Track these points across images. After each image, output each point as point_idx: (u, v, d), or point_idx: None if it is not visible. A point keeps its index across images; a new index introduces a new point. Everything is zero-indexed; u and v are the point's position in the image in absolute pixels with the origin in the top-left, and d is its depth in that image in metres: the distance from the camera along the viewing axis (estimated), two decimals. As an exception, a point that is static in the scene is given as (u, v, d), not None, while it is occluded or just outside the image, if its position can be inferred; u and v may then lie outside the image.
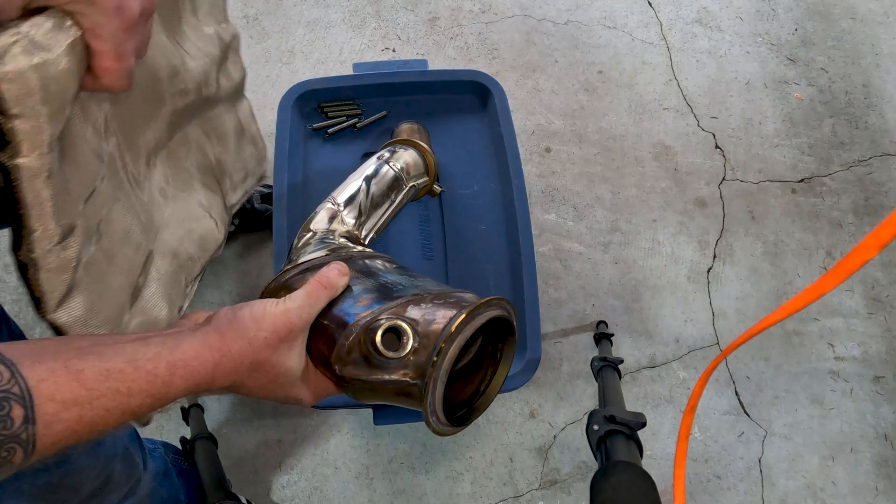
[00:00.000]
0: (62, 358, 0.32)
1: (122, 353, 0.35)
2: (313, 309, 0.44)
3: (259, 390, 0.43)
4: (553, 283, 1.13)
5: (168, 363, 0.36)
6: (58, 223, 0.40)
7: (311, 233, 0.61)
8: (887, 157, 1.28)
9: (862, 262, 0.32)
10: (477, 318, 0.43)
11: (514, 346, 0.50)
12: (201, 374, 0.38)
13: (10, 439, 0.29)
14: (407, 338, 0.42)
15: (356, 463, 0.99)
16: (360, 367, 0.44)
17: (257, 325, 0.41)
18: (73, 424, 0.32)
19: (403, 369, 0.42)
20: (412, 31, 1.36)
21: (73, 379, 0.32)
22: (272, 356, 0.41)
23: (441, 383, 0.42)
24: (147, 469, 0.67)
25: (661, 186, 1.22)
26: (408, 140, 0.73)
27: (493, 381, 0.50)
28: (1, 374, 0.29)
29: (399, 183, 0.69)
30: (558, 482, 0.99)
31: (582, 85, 1.31)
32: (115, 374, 0.34)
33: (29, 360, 0.31)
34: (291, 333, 0.42)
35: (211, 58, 0.64)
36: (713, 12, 1.41)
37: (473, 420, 0.48)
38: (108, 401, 0.33)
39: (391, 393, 0.43)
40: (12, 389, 0.29)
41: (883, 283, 1.16)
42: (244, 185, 0.79)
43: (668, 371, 1.07)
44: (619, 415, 0.59)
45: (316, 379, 0.47)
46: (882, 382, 1.08)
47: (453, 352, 0.41)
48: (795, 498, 1.00)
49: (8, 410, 0.29)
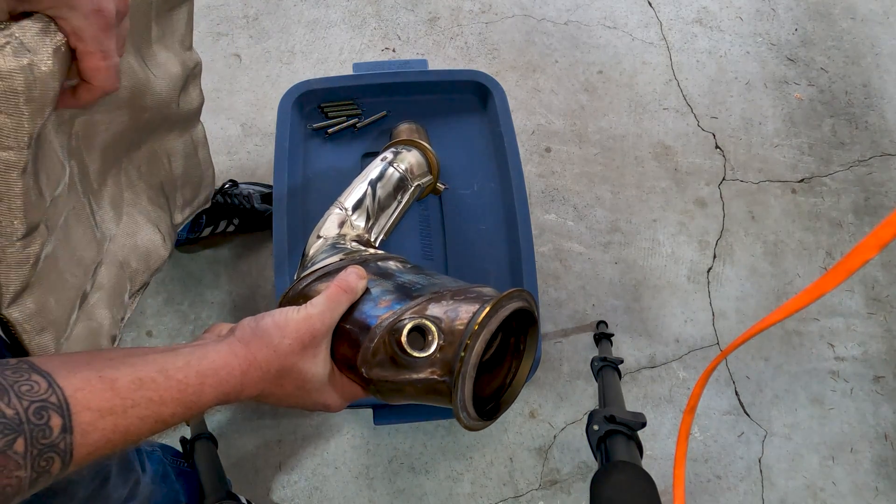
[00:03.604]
0: (96, 368, 0.32)
1: (153, 362, 0.35)
2: (335, 313, 0.45)
3: (287, 398, 0.43)
4: (553, 283, 1.13)
5: (198, 372, 0.36)
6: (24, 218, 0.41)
7: (322, 239, 0.62)
8: (887, 157, 1.28)
9: (862, 262, 0.32)
10: (500, 310, 0.43)
11: (538, 337, 0.50)
12: (230, 384, 0.38)
13: (49, 448, 0.29)
14: (432, 336, 0.43)
15: (356, 463, 0.99)
16: (386, 369, 0.44)
17: (281, 332, 0.41)
18: (108, 433, 0.32)
19: (431, 367, 0.42)
20: (412, 31, 1.36)
21: (108, 388, 0.32)
22: (298, 363, 0.42)
23: (470, 379, 0.42)
24: (145, 472, 0.67)
25: (661, 186, 1.22)
26: (409, 140, 0.73)
27: (518, 374, 0.50)
28: (38, 384, 0.29)
29: (404, 184, 0.70)
30: (558, 482, 0.99)
31: (582, 85, 1.31)
32: (147, 384, 0.34)
33: (64, 370, 0.31)
34: (315, 339, 0.43)
35: (174, 81, 0.66)
36: (713, 12, 1.41)
37: (502, 413, 0.48)
38: (142, 409, 0.33)
39: (420, 392, 0.44)
40: (50, 399, 0.29)
41: (883, 283, 1.16)
42: (191, 206, 0.82)
43: (668, 371, 1.07)
44: (619, 415, 0.59)
45: (342, 383, 0.47)
46: (882, 382, 1.08)
47: (480, 346, 0.42)
48: (795, 498, 1.00)
49: (47, 420, 0.29)
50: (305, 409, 0.46)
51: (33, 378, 0.30)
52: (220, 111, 1.25)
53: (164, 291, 1.09)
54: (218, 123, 1.24)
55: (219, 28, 1.34)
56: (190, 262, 1.11)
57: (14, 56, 0.37)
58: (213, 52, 1.31)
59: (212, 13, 1.36)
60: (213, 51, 1.32)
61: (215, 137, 1.23)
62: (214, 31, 1.34)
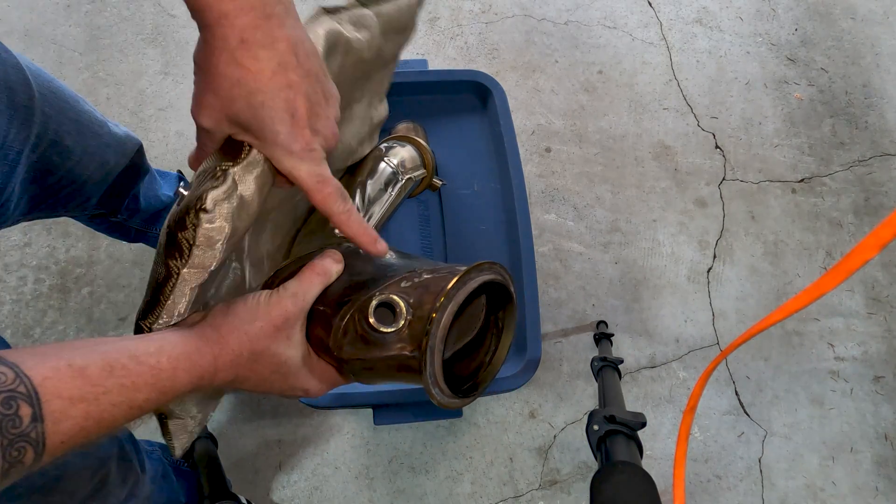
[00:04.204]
0: (64, 357, 0.32)
1: (124, 349, 0.35)
2: (308, 296, 0.44)
3: (263, 383, 0.43)
4: (553, 283, 1.13)
5: (170, 357, 0.36)
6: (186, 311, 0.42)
7: None
8: (887, 157, 1.28)
9: (862, 262, 0.32)
10: (469, 282, 0.42)
11: (515, 313, 0.49)
12: (203, 367, 0.38)
13: (20, 438, 0.29)
14: (399, 310, 0.42)
15: (356, 463, 0.99)
16: (357, 347, 0.43)
17: (252, 315, 0.41)
18: (80, 421, 0.32)
19: (400, 343, 0.42)
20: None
21: (78, 375, 0.32)
22: (271, 346, 0.42)
23: (438, 352, 0.41)
24: (145, 471, 0.67)
25: (661, 186, 1.22)
26: (403, 136, 0.74)
27: (497, 352, 0.49)
28: (5, 374, 0.29)
29: (395, 177, 0.70)
30: (558, 482, 0.99)
31: (582, 85, 1.31)
32: (118, 370, 0.34)
33: (31, 360, 0.31)
34: (287, 322, 0.43)
35: (360, 138, 0.64)
36: (713, 12, 1.41)
37: (480, 392, 0.48)
38: (115, 396, 0.33)
39: (392, 369, 0.43)
40: (18, 388, 0.29)
41: (883, 283, 1.16)
42: None
43: (668, 371, 1.07)
44: (619, 415, 0.59)
45: (320, 368, 0.47)
46: (882, 382, 1.08)
47: (447, 318, 0.41)
48: (795, 498, 1.00)
49: (16, 409, 0.29)
50: (285, 394, 0.46)
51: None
52: (220, 111, 1.25)
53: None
54: (218, 123, 1.24)
55: (219, 28, 1.34)
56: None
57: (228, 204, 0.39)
58: (213, 52, 1.31)
59: (212, 13, 1.36)
60: (213, 51, 1.31)
61: (215, 137, 1.23)
62: (214, 31, 1.34)
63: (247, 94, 0.38)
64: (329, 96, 0.43)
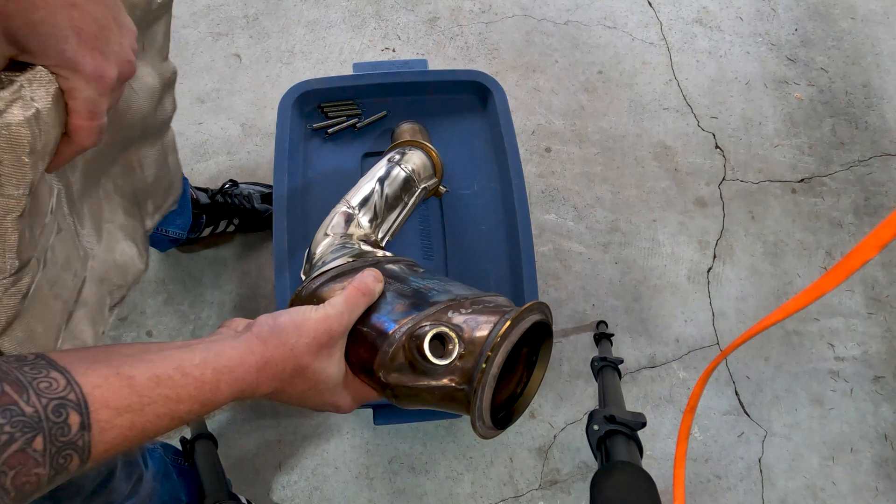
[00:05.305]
0: (113, 365, 0.32)
1: (171, 359, 0.35)
2: (352, 315, 0.45)
3: (299, 397, 0.43)
4: (553, 283, 1.13)
5: (214, 369, 0.36)
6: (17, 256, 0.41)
7: (330, 237, 0.61)
8: (887, 157, 1.28)
9: (862, 262, 0.32)
10: (521, 323, 0.44)
11: (551, 349, 0.51)
12: (246, 381, 0.38)
13: (68, 446, 0.29)
14: (453, 344, 0.43)
15: (356, 463, 0.99)
16: (405, 374, 0.45)
17: (298, 331, 0.41)
18: (125, 431, 0.32)
19: (450, 375, 0.43)
20: (412, 31, 1.36)
21: (126, 385, 0.32)
22: (313, 363, 0.42)
23: (489, 389, 0.43)
24: (147, 469, 0.67)
25: (661, 186, 1.22)
26: (413, 141, 0.73)
27: (529, 383, 0.51)
28: (57, 381, 0.29)
29: (410, 185, 0.69)
30: (558, 482, 0.99)
31: (582, 85, 1.31)
32: (164, 381, 0.34)
33: (82, 366, 0.31)
34: (332, 339, 0.43)
35: (153, 94, 0.65)
36: (713, 12, 1.41)
37: (514, 421, 0.49)
38: (159, 407, 0.33)
39: (436, 398, 0.44)
40: (68, 396, 0.29)
41: (883, 283, 1.16)
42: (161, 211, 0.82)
43: (668, 371, 1.07)
44: (619, 415, 0.59)
45: (354, 385, 0.47)
46: (882, 382, 1.08)
47: (500, 358, 0.42)
48: (795, 498, 1.00)
49: (65, 417, 0.29)
50: (316, 408, 0.46)
51: (52, 375, 0.30)
52: (220, 111, 1.25)
53: (164, 291, 1.09)
54: (218, 123, 1.24)
55: (219, 28, 1.34)
56: (190, 262, 1.11)
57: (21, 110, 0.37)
58: (213, 52, 1.31)
59: (212, 13, 1.36)
60: (213, 51, 1.32)
61: (215, 137, 1.23)
62: (214, 31, 1.34)
63: (24, 10, 0.35)
64: (122, 25, 0.40)
